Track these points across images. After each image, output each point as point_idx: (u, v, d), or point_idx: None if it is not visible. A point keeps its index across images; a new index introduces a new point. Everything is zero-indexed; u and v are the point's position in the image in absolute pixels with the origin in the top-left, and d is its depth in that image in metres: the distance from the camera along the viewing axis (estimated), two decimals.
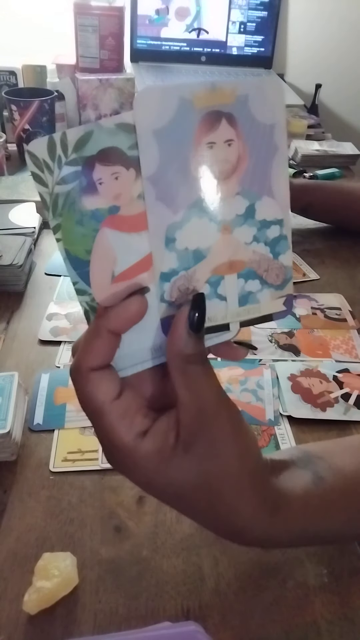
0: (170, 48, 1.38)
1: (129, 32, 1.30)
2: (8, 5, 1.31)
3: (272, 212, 0.27)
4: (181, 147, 0.24)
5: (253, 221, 0.27)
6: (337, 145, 1.27)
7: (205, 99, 0.24)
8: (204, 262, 0.27)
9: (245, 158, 0.26)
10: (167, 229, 0.25)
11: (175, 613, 0.39)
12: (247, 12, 1.40)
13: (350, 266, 0.85)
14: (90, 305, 0.27)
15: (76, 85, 1.19)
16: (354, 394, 0.59)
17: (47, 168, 0.24)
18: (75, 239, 0.25)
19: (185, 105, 0.24)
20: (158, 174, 0.24)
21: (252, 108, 0.25)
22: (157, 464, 0.27)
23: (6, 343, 0.64)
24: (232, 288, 0.28)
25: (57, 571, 0.40)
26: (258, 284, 0.28)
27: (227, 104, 0.24)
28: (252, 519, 0.29)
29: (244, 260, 0.27)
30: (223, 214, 0.26)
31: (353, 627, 0.39)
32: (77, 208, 0.25)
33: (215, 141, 0.25)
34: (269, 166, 0.26)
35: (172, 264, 0.26)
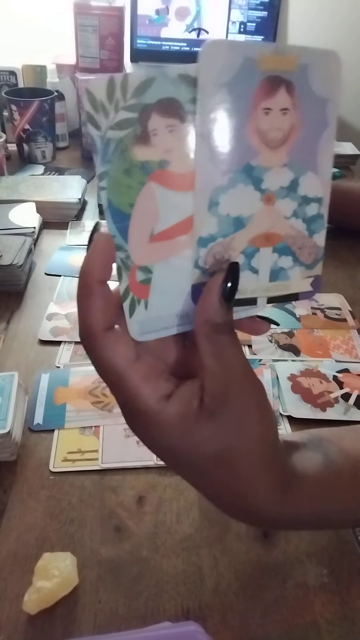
0: (170, 48, 1.38)
1: (129, 32, 1.30)
2: (8, 5, 1.31)
3: (314, 189, 0.27)
4: (239, 107, 0.24)
5: (295, 195, 0.26)
6: (337, 145, 1.27)
7: (269, 62, 0.23)
8: (242, 230, 0.26)
9: (297, 130, 0.25)
10: (213, 191, 0.25)
11: (175, 613, 0.39)
12: (247, 12, 1.40)
13: (350, 266, 0.85)
14: (124, 262, 0.25)
15: (76, 85, 1.19)
16: (354, 394, 0.59)
17: (103, 110, 0.23)
18: (120, 189, 0.24)
19: (249, 64, 0.23)
20: (212, 132, 0.24)
21: (310, 79, 0.25)
22: (181, 428, 0.26)
23: (6, 343, 0.64)
24: (266, 261, 0.27)
25: (57, 571, 0.40)
26: (290, 261, 0.28)
27: (288, 70, 0.24)
28: (265, 496, 0.29)
29: (281, 234, 0.27)
30: (268, 184, 0.25)
31: (353, 627, 0.39)
32: (128, 157, 0.23)
33: (271, 107, 0.24)
34: (317, 142, 0.26)
35: (211, 229, 0.25)
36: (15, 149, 1.12)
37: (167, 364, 0.29)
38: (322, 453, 0.32)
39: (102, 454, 0.51)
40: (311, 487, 0.30)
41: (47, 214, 0.90)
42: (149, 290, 0.26)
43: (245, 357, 0.27)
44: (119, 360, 0.26)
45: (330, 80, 0.25)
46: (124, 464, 0.50)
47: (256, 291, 0.28)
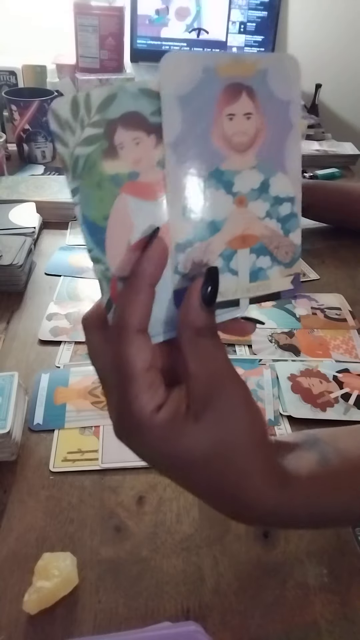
0: (170, 48, 1.38)
1: (129, 32, 1.30)
2: (8, 6, 1.31)
3: (284, 189, 0.27)
4: (203, 115, 0.24)
5: (267, 196, 0.27)
6: (337, 145, 1.27)
7: (228, 69, 0.24)
8: (219, 234, 0.27)
9: (262, 132, 0.26)
10: (185, 197, 0.25)
11: (175, 613, 0.39)
12: (247, 12, 1.40)
13: (350, 266, 0.85)
14: (104, 274, 0.26)
15: (76, 85, 1.19)
16: (354, 394, 0.59)
17: (69, 128, 0.23)
18: (93, 203, 0.25)
19: (209, 74, 0.24)
20: (179, 140, 0.24)
21: (270, 83, 0.25)
22: (170, 433, 0.27)
23: (6, 343, 0.64)
24: (244, 263, 0.28)
25: (57, 571, 0.40)
26: (269, 260, 0.28)
27: (248, 76, 0.25)
28: (259, 493, 0.29)
29: (257, 235, 0.27)
30: (239, 186, 0.26)
31: (353, 627, 0.39)
32: (97, 171, 0.24)
33: (235, 113, 0.25)
34: (283, 143, 0.27)
35: (188, 235, 0.26)
36: (15, 149, 1.12)
37: None
38: (317, 452, 0.32)
39: (102, 454, 0.51)
40: (306, 485, 0.30)
41: (47, 214, 0.90)
42: None
43: (228, 359, 0.27)
44: (138, 363, 0.26)
45: (290, 83, 0.26)
46: (124, 464, 0.50)
47: (237, 292, 0.28)
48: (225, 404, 0.27)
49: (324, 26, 1.50)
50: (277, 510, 0.30)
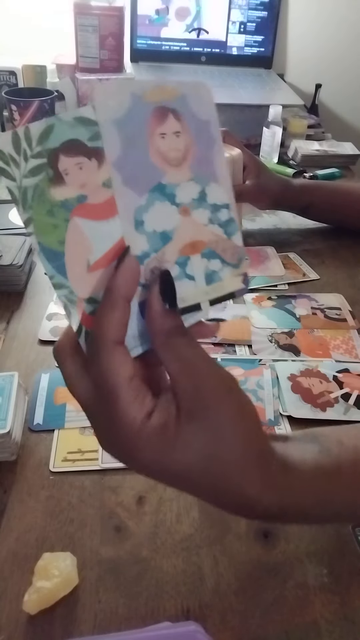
0: (170, 48, 1.38)
1: (129, 32, 1.30)
2: (8, 6, 1.31)
3: (219, 197, 0.29)
4: (138, 136, 0.26)
5: (206, 204, 0.29)
6: (337, 145, 1.27)
7: (153, 95, 0.27)
8: (171, 243, 0.28)
9: (191, 148, 0.28)
10: (135, 212, 0.27)
11: (175, 613, 0.39)
12: (247, 12, 1.40)
13: (350, 266, 0.85)
14: (69, 298, 0.27)
15: (76, 85, 1.19)
16: (354, 394, 0.59)
17: (14, 162, 0.25)
18: (47, 230, 0.26)
19: (137, 99, 0.26)
20: (122, 160, 0.26)
21: (191, 106, 0.28)
22: (165, 438, 0.27)
23: (6, 343, 0.64)
24: (198, 267, 0.29)
25: (57, 571, 0.40)
26: (219, 263, 0.30)
27: (172, 100, 0.27)
28: (262, 487, 0.29)
29: (204, 240, 0.29)
30: (181, 197, 0.28)
31: (353, 627, 0.39)
32: (47, 199, 0.25)
33: (165, 132, 0.27)
34: (211, 156, 0.29)
35: (143, 247, 0.27)
36: None
37: None
38: (318, 444, 0.33)
39: (102, 453, 0.51)
40: (311, 472, 0.31)
41: None
42: None
43: (205, 352, 0.28)
44: (121, 374, 0.26)
45: (206, 106, 0.29)
46: None
47: (197, 296, 0.30)
48: (214, 398, 0.27)
49: (324, 26, 1.50)
50: (282, 504, 0.30)
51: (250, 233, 0.94)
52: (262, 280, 0.79)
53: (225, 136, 0.85)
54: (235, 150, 0.83)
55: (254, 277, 0.80)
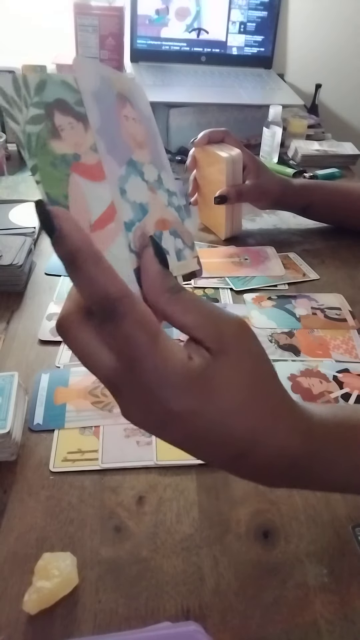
0: (170, 48, 1.38)
1: (129, 32, 1.30)
2: (8, 6, 1.31)
3: (170, 184, 0.31)
4: (111, 112, 0.27)
5: (164, 188, 0.30)
6: (337, 145, 1.27)
7: (116, 82, 0.28)
8: (148, 215, 0.28)
9: (147, 135, 0.30)
10: (119, 180, 0.27)
11: (175, 613, 0.39)
12: (247, 12, 1.40)
13: (350, 266, 0.85)
14: None
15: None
16: (354, 394, 0.59)
17: (16, 105, 0.25)
18: (53, 182, 0.26)
19: (105, 81, 0.27)
20: (103, 129, 0.26)
21: (138, 100, 0.30)
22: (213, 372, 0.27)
23: (6, 343, 0.64)
24: (169, 243, 0.30)
25: (57, 571, 0.40)
26: (181, 243, 0.31)
27: (127, 91, 0.29)
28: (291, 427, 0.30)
29: (170, 220, 0.30)
30: (147, 176, 0.29)
31: (353, 627, 0.39)
32: (49, 150, 0.25)
33: (127, 115, 0.28)
34: (159, 148, 0.30)
35: (129, 215, 0.27)
36: (15, 149, 1.12)
37: None
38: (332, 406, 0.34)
39: (102, 454, 0.51)
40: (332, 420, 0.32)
41: None
42: None
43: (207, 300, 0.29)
44: (152, 327, 0.26)
45: (146, 103, 0.30)
46: (124, 464, 0.50)
47: (174, 270, 0.29)
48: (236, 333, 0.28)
49: (324, 26, 1.50)
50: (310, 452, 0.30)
51: (250, 233, 0.94)
52: (262, 280, 0.79)
53: (225, 136, 0.85)
54: (235, 150, 0.83)
55: (254, 277, 0.80)
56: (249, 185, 0.85)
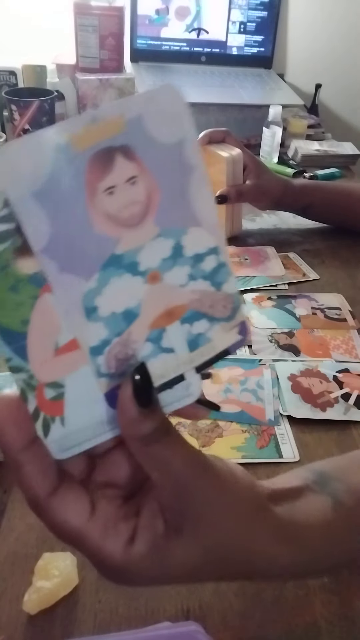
0: (170, 48, 1.38)
1: (129, 32, 1.30)
2: (8, 6, 1.31)
3: (203, 243, 0.23)
4: (73, 203, 0.20)
5: (183, 259, 0.23)
6: (337, 145, 1.27)
7: (87, 137, 0.20)
8: (137, 321, 0.23)
9: (156, 192, 0.22)
10: (84, 298, 0.22)
11: (175, 613, 0.39)
12: (247, 12, 1.40)
13: (350, 266, 0.85)
14: (28, 383, 0.22)
15: (76, 85, 1.19)
16: (354, 394, 0.59)
17: None
18: (8, 308, 0.21)
19: (63, 152, 0.19)
20: (53, 243, 0.20)
21: (149, 129, 0.20)
22: (156, 561, 0.24)
23: None
24: (178, 336, 0.24)
25: (57, 571, 0.40)
26: (206, 323, 0.25)
27: (117, 134, 0.20)
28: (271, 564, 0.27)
29: (184, 304, 0.24)
30: (146, 263, 0.22)
31: (353, 627, 0.39)
32: (11, 272, 0.20)
33: (114, 184, 0.21)
34: (186, 191, 0.22)
35: (100, 335, 0.23)
36: None
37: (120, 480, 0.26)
38: (330, 495, 0.30)
39: None
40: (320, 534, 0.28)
41: None
42: (63, 405, 0.23)
43: (190, 450, 0.24)
44: (74, 522, 0.24)
45: (176, 119, 0.21)
46: None
47: (180, 367, 0.25)
48: (203, 505, 0.24)
49: (324, 26, 1.50)
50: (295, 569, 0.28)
51: (250, 233, 0.94)
52: (262, 280, 0.79)
53: (225, 136, 0.85)
54: (235, 150, 0.83)
55: (254, 277, 0.80)
56: (249, 185, 0.85)
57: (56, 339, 0.22)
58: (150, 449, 0.23)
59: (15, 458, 0.23)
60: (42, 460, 0.23)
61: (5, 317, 0.21)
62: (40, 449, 0.23)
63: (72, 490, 0.24)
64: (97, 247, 0.21)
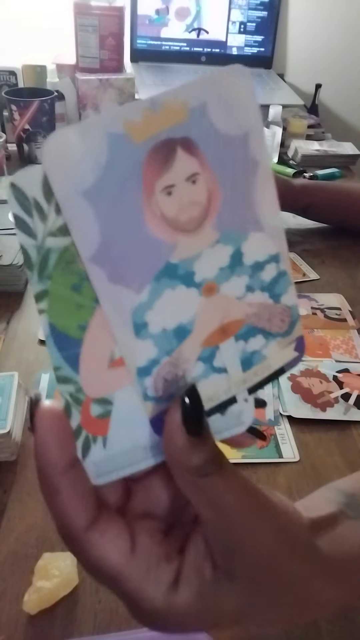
0: (170, 48, 1.38)
1: (129, 32, 1.30)
2: (8, 6, 1.31)
3: (264, 249, 0.21)
4: (128, 204, 0.18)
5: (242, 269, 0.21)
6: (337, 145, 1.27)
7: (146, 127, 0.17)
8: (189, 338, 0.21)
9: (217, 192, 0.19)
10: (133, 313, 0.19)
11: None
12: (247, 12, 1.40)
13: (350, 266, 0.85)
14: (74, 397, 0.20)
15: (76, 85, 1.19)
16: (354, 394, 0.59)
17: (39, 212, 0.17)
18: (66, 310, 0.19)
19: (119, 143, 0.17)
20: (103, 250, 0.18)
21: (214, 119, 0.18)
22: (203, 609, 0.22)
23: (6, 343, 0.64)
24: (231, 355, 0.22)
25: (57, 571, 0.40)
26: (262, 339, 0.22)
27: (180, 123, 0.17)
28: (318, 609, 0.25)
29: (241, 318, 0.22)
30: (202, 273, 0.20)
31: (353, 627, 0.39)
32: (76, 269, 0.18)
33: (173, 183, 0.18)
34: (250, 191, 0.19)
35: (149, 354, 0.20)
36: (15, 149, 1.12)
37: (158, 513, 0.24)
38: None
39: None
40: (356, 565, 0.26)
41: None
42: (108, 425, 0.21)
43: (246, 485, 0.22)
44: (113, 560, 0.21)
45: (243, 107, 0.18)
46: None
47: (231, 389, 0.23)
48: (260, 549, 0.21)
49: (324, 26, 1.50)
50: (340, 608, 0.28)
51: None
52: None
53: None
54: None
55: None
56: None
57: (112, 349, 0.20)
58: (202, 481, 0.20)
59: (54, 481, 0.20)
60: (81, 486, 0.21)
61: (62, 319, 0.19)
62: (80, 473, 0.20)
63: (113, 522, 0.21)
64: (151, 255, 0.19)
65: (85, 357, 0.20)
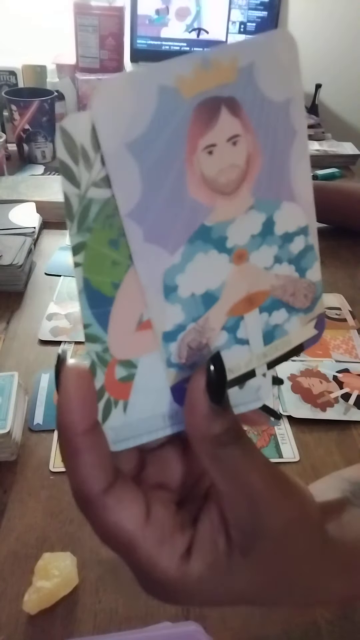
0: (170, 48, 1.38)
1: (129, 32, 1.30)
2: (8, 6, 1.31)
3: (294, 220, 0.21)
4: (172, 160, 0.17)
5: (273, 238, 0.21)
6: (337, 145, 1.27)
7: (197, 83, 0.17)
8: (217, 304, 0.21)
9: (257, 156, 0.19)
10: (165, 275, 0.19)
11: (175, 613, 0.39)
12: (247, 12, 1.40)
13: (350, 266, 0.85)
14: (100, 356, 0.20)
15: (76, 85, 1.19)
16: (354, 394, 0.59)
17: (85, 159, 0.16)
18: (102, 266, 0.18)
19: (169, 96, 0.16)
20: (142, 207, 0.17)
21: (260, 82, 0.18)
22: (215, 582, 0.21)
23: (6, 343, 0.64)
24: (255, 327, 0.22)
25: (57, 571, 0.40)
26: (284, 313, 0.22)
27: (227, 83, 0.17)
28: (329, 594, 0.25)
29: (266, 290, 0.21)
30: (235, 239, 0.20)
31: (353, 627, 0.39)
32: (117, 223, 0.18)
33: (215, 142, 0.18)
34: (287, 159, 0.19)
35: (176, 319, 0.20)
36: (15, 149, 1.12)
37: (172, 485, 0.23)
38: None
39: None
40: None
41: (47, 214, 0.90)
42: (130, 389, 0.21)
43: (265, 461, 0.21)
44: (128, 526, 0.20)
45: (287, 73, 0.18)
46: None
47: (251, 362, 0.22)
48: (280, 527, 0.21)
49: (324, 26, 1.50)
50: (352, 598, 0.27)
51: None
52: None
53: None
54: None
55: None
56: None
57: (141, 312, 0.19)
58: (222, 451, 0.20)
59: (75, 442, 0.19)
60: (101, 450, 0.20)
61: (97, 275, 0.18)
62: (100, 436, 0.20)
63: (129, 488, 0.21)
64: (188, 216, 0.18)
65: (115, 316, 0.19)
